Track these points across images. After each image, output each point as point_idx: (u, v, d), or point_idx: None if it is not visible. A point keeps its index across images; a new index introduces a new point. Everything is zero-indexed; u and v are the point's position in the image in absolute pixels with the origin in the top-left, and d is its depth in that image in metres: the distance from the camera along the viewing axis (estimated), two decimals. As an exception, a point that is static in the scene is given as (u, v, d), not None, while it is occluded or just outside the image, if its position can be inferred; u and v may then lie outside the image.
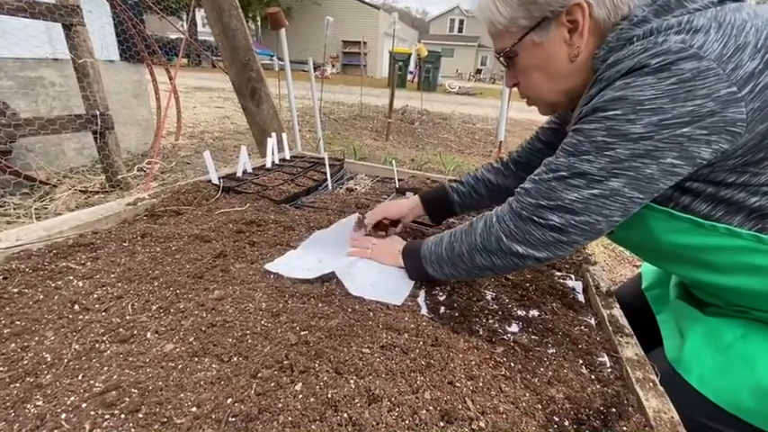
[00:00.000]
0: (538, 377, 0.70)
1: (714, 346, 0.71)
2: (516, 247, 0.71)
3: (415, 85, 15.79)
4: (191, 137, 4.47)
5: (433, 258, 0.87)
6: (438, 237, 0.89)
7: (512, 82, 0.82)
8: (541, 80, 0.75)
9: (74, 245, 1.01)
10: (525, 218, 0.69)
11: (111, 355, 0.66)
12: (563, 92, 0.75)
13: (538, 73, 0.74)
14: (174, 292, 0.84)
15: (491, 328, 0.83)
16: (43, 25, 2.39)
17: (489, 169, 1.15)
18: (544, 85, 0.75)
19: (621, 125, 0.57)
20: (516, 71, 0.78)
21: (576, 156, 0.63)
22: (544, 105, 0.81)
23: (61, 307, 0.77)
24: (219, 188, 1.51)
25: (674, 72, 0.53)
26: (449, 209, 1.19)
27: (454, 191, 1.17)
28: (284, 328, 0.75)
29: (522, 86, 0.80)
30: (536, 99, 0.80)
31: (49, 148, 2.75)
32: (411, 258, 0.94)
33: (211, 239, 1.11)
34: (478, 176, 1.16)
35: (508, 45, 0.74)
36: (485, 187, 1.14)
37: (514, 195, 0.74)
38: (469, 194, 1.15)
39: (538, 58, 0.72)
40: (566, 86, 0.74)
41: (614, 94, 0.58)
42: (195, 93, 8.84)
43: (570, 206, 0.64)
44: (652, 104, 0.54)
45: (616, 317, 0.90)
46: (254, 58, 2.51)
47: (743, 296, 0.70)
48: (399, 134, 6.22)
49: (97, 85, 2.31)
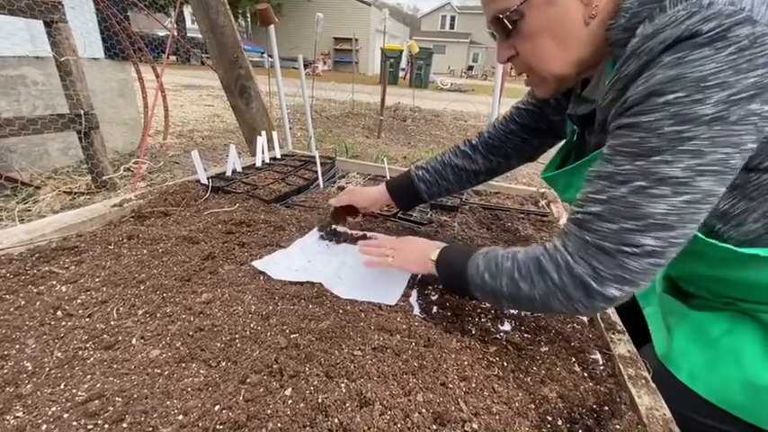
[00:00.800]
0: (531, 376, 0.70)
1: (702, 341, 0.72)
2: (611, 290, 0.56)
3: (406, 81, 15.77)
4: (179, 136, 4.40)
5: (488, 290, 0.70)
6: (489, 261, 0.71)
7: (507, 54, 0.69)
8: (551, 48, 0.63)
9: (57, 248, 0.99)
10: (612, 250, 0.55)
11: (94, 362, 0.64)
12: (574, 63, 0.64)
13: (547, 39, 0.63)
14: (160, 296, 0.82)
15: (484, 327, 0.82)
16: (24, 22, 2.33)
17: (456, 153, 1.07)
18: (554, 54, 0.64)
19: (689, 108, 0.49)
20: (517, 39, 0.66)
21: (646, 157, 0.52)
22: (550, 82, 0.69)
23: (43, 313, 0.74)
24: (208, 188, 1.48)
25: (731, 40, 0.46)
26: (416, 197, 1.12)
27: (420, 179, 1.09)
28: (274, 331, 0.74)
29: (524, 58, 0.68)
30: (541, 73, 0.68)
31: (33, 148, 2.68)
32: (450, 275, 0.79)
33: (200, 241, 1.09)
34: (445, 161, 1.07)
35: (514, 3, 0.61)
36: (452, 173, 1.07)
37: (575, 224, 0.61)
38: (436, 182, 1.08)
39: (549, 19, 0.61)
40: (577, 56, 0.64)
41: (668, 73, 0.49)
42: (184, 90, 8.72)
43: (664, 221, 0.52)
44: (716, 79, 0.47)
45: (608, 313, 0.90)
46: (242, 56, 2.47)
47: (734, 287, 0.70)
48: (391, 131, 6.20)
49: (81, 84, 2.26)
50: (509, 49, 0.68)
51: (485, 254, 0.73)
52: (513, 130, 1.01)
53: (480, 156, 1.05)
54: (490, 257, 0.71)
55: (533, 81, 0.72)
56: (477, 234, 1.34)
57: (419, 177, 1.09)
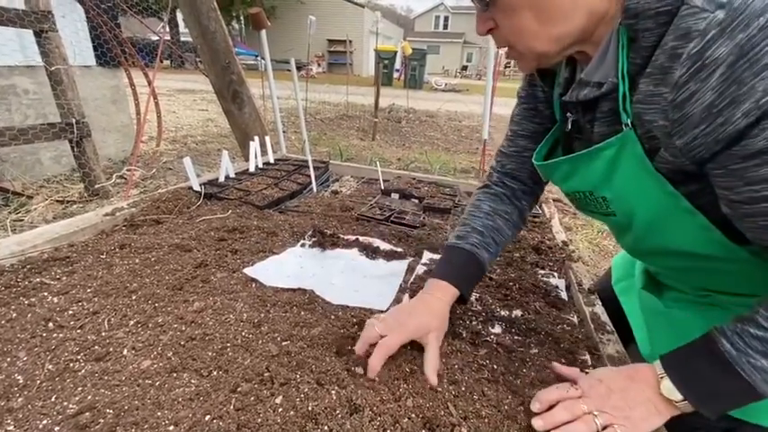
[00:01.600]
0: (520, 378, 0.71)
1: (681, 341, 0.73)
2: None
3: (401, 82, 15.79)
4: (173, 141, 4.39)
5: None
6: (746, 331, 0.52)
7: (486, 27, 0.63)
8: (532, 22, 0.57)
9: (49, 259, 0.99)
10: None
11: (85, 374, 0.64)
12: (556, 38, 0.59)
13: (529, 13, 0.57)
14: (152, 306, 0.82)
15: (474, 329, 0.83)
16: (14, 32, 2.32)
17: (492, 198, 0.90)
18: (535, 30, 0.58)
19: None
20: (496, 11, 0.60)
21: None
22: (531, 58, 0.64)
23: (34, 325, 0.75)
24: (201, 195, 1.48)
25: None
26: (482, 274, 0.85)
27: (481, 247, 0.82)
28: (265, 338, 0.74)
29: (503, 32, 0.62)
30: (521, 49, 0.63)
31: (25, 157, 2.67)
32: (725, 400, 0.54)
33: (192, 248, 1.09)
34: (486, 211, 0.87)
35: None
36: (501, 220, 0.87)
37: None
38: (493, 241, 0.85)
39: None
40: (560, 31, 0.58)
41: None
42: (178, 95, 8.71)
43: None
44: None
45: (598, 314, 0.91)
46: (234, 61, 2.47)
47: (718, 280, 0.70)
48: (386, 133, 6.21)
49: (72, 92, 2.25)
50: (487, 21, 0.62)
51: (742, 335, 0.52)
52: (523, 145, 0.88)
53: (508, 188, 0.91)
54: (754, 334, 0.51)
55: (513, 55, 0.66)
56: (470, 236, 1.34)
57: (478, 245, 0.82)
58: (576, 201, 0.76)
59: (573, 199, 0.77)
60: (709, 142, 0.48)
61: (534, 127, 0.87)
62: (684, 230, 0.62)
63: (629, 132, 0.58)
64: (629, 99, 0.57)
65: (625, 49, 0.55)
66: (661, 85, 0.51)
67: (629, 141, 0.59)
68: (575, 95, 0.65)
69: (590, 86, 0.63)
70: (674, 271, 0.79)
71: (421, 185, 1.85)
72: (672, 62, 0.49)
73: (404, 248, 1.20)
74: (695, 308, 0.74)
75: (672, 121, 0.51)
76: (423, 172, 3.50)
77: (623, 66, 0.56)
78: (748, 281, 0.66)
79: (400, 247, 1.21)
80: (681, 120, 0.49)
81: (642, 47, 0.53)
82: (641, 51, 0.53)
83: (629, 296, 0.91)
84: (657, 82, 0.51)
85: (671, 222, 0.62)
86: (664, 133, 0.53)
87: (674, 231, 0.63)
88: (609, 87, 0.59)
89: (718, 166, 0.50)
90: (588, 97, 0.63)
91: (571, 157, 0.69)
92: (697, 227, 0.60)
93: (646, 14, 0.51)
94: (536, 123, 0.87)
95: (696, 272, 0.73)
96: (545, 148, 0.81)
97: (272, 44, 2.31)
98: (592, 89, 0.62)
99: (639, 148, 0.58)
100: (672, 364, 0.57)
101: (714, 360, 0.52)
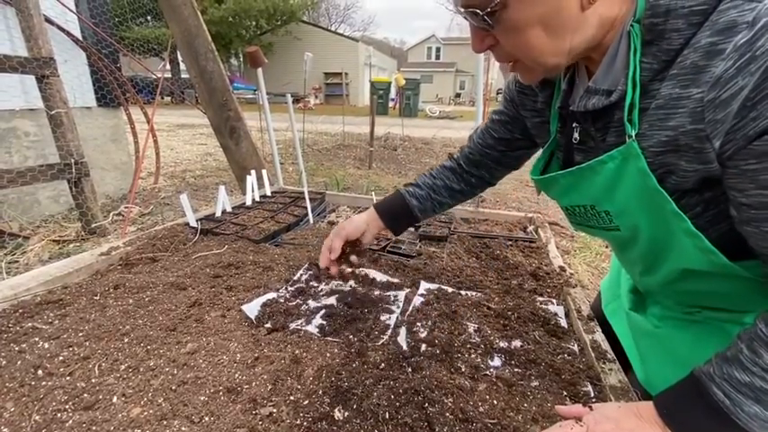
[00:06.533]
0: (522, 414, 0.69)
1: (671, 361, 0.71)
2: None
3: (396, 111, 16.15)
4: (171, 176, 4.44)
5: None
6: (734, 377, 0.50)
7: (486, 45, 0.58)
8: (541, 38, 0.53)
9: (41, 302, 0.98)
10: None
11: (72, 425, 0.62)
12: (567, 50, 0.55)
13: (537, 29, 0.53)
14: (144, 349, 0.81)
15: (473, 363, 0.81)
16: (17, 77, 2.40)
17: (443, 169, 1.04)
18: (544, 45, 0.54)
19: None
20: (499, 30, 0.55)
21: None
22: (539, 71, 0.61)
23: (23, 373, 0.73)
24: (197, 231, 1.49)
25: None
26: (409, 216, 1.04)
27: (412, 195, 1.02)
28: (259, 380, 0.72)
29: (508, 48, 0.58)
30: (530, 63, 0.59)
31: (23, 197, 2.70)
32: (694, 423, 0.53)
33: (187, 287, 1.08)
34: (434, 175, 1.03)
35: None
36: (444, 187, 1.02)
37: None
38: (428, 196, 1.02)
39: (540, 8, 0.51)
40: (571, 44, 0.54)
41: None
42: (178, 130, 8.87)
43: None
44: None
45: (598, 342, 0.89)
46: (231, 98, 2.54)
47: (707, 298, 0.69)
48: (382, 161, 6.29)
49: (71, 134, 2.30)
50: (487, 38, 0.58)
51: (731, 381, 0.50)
52: (490, 144, 0.96)
53: (464, 171, 1.02)
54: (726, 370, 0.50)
55: (517, 68, 0.63)
56: (467, 264, 1.34)
57: (410, 194, 1.02)
58: (575, 215, 0.74)
59: (572, 213, 0.74)
60: (738, 138, 0.45)
61: (504, 134, 0.93)
62: (685, 252, 0.60)
63: (632, 144, 0.55)
64: (637, 108, 0.54)
65: (638, 52, 0.52)
66: (691, 86, 0.47)
67: (631, 155, 0.56)
68: (583, 105, 0.61)
69: (599, 95, 0.59)
70: (669, 287, 0.77)
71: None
72: (709, 60, 0.45)
73: (400, 279, 1.20)
74: (683, 325, 0.73)
75: (710, 122, 0.47)
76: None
77: (634, 72, 0.52)
78: (739, 297, 0.66)
79: (397, 278, 1.20)
80: (723, 119, 0.45)
81: (665, 49, 0.49)
82: (663, 54, 0.50)
83: (618, 318, 0.90)
84: (687, 83, 0.48)
85: (673, 242, 0.61)
86: (696, 138, 0.48)
87: (677, 251, 0.62)
88: (619, 95, 0.56)
89: (733, 165, 0.47)
90: (597, 107, 0.59)
91: (571, 170, 0.66)
92: (696, 248, 0.58)
93: (678, 13, 0.48)
94: (507, 131, 0.92)
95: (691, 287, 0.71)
96: (541, 161, 0.79)
97: (270, 78, 2.39)
98: (601, 98, 0.59)
99: (643, 163, 0.55)
100: (668, 410, 0.55)
101: (711, 413, 0.51)
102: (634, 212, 0.62)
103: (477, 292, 1.14)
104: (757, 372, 0.47)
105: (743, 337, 0.51)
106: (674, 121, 0.50)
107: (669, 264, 0.65)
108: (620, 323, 0.89)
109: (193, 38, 2.37)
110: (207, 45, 2.42)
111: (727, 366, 0.50)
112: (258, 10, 20.61)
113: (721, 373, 0.50)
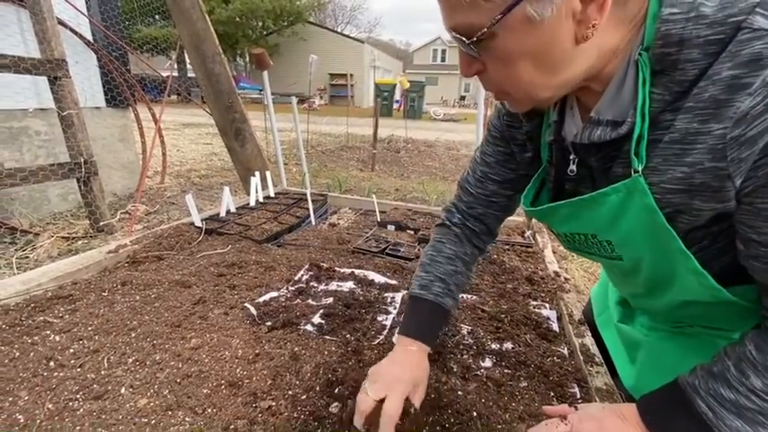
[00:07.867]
0: (509, 413, 0.72)
1: (659, 371, 0.73)
2: None
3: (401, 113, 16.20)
4: (177, 176, 4.50)
5: None
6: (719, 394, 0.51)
7: (474, 70, 0.55)
8: (530, 72, 0.50)
9: (52, 297, 1.02)
10: None
11: (84, 413, 0.66)
12: (560, 84, 0.52)
13: (527, 62, 0.49)
14: (150, 343, 0.85)
15: (465, 364, 0.84)
16: (30, 78, 2.46)
17: (453, 240, 0.85)
18: (535, 78, 0.51)
19: None
20: (488, 58, 0.52)
21: None
22: (527, 103, 0.58)
23: (36, 364, 0.77)
24: (202, 231, 1.53)
25: None
26: (447, 321, 0.90)
27: (445, 295, 0.79)
28: (260, 375, 0.76)
29: (496, 79, 0.54)
30: (519, 96, 0.56)
31: (34, 195, 2.75)
32: None
33: (191, 285, 1.12)
34: (449, 256, 0.83)
35: (485, 22, 0.46)
36: (464, 263, 0.83)
37: None
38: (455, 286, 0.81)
39: (530, 42, 0.47)
40: (565, 77, 0.51)
41: None
42: (184, 129, 8.94)
43: None
44: None
45: (587, 345, 0.92)
46: (237, 101, 2.59)
47: (699, 317, 0.72)
48: (385, 163, 6.33)
49: (81, 134, 2.35)
50: (475, 64, 0.54)
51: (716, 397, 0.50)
52: (493, 190, 0.81)
53: (470, 232, 0.85)
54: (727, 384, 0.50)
55: (505, 98, 0.60)
56: (464, 267, 1.37)
57: (441, 294, 0.79)
58: (573, 242, 0.71)
59: (570, 240, 0.71)
60: (759, 176, 0.43)
61: (507, 174, 0.79)
62: (689, 287, 0.60)
63: (637, 179, 0.52)
64: (645, 141, 0.51)
65: (647, 83, 0.48)
66: (711, 121, 0.45)
67: (637, 189, 0.53)
68: (587, 137, 0.57)
69: (603, 125, 0.55)
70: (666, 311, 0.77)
71: (417, 217, 1.90)
72: (731, 94, 0.43)
73: (398, 281, 1.23)
74: (671, 336, 0.76)
75: (733, 161, 0.44)
76: (420, 202, 3.56)
77: (643, 103, 0.49)
78: (730, 318, 0.68)
79: (395, 280, 1.23)
80: (748, 158, 0.43)
81: (678, 80, 0.46)
82: (675, 84, 0.47)
83: (608, 329, 0.92)
84: (706, 118, 0.45)
85: (676, 277, 0.60)
86: (716, 176, 0.46)
87: (679, 285, 0.62)
88: (629, 128, 0.52)
89: (748, 202, 0.45)
90: (604, 139, 0.55)
91: (572, 201, 0.63)
92: (701, 285, 0.57)
93: (692, 43, 0.44)
94: (510, 170, 0.79)
95: (687, 312, 0.72)
96: (532, 191, 0.74)
97: (276, 79, 2.44)
98: (606, 129, 0.55)
99: (649, 198, 0.52)
100: (651, 415, 0.56)
101: (693, 423, 0.52)
102: (638, 245, 0.60)
103: (473, 294, 1.17)
104: (743, 391, 0.48)
105: (730, 354, 0.51)
106: (690, 157, 0.47)
107: (671, 295, 0.66)
108: (610, 334, 0.91)
109: (201, 41, 2.42)
110: (214, 48, 2.46)
111: (713, 382, 0.51)
112: (265, 10, 20.75)
113: (707, 387, 0.51)
